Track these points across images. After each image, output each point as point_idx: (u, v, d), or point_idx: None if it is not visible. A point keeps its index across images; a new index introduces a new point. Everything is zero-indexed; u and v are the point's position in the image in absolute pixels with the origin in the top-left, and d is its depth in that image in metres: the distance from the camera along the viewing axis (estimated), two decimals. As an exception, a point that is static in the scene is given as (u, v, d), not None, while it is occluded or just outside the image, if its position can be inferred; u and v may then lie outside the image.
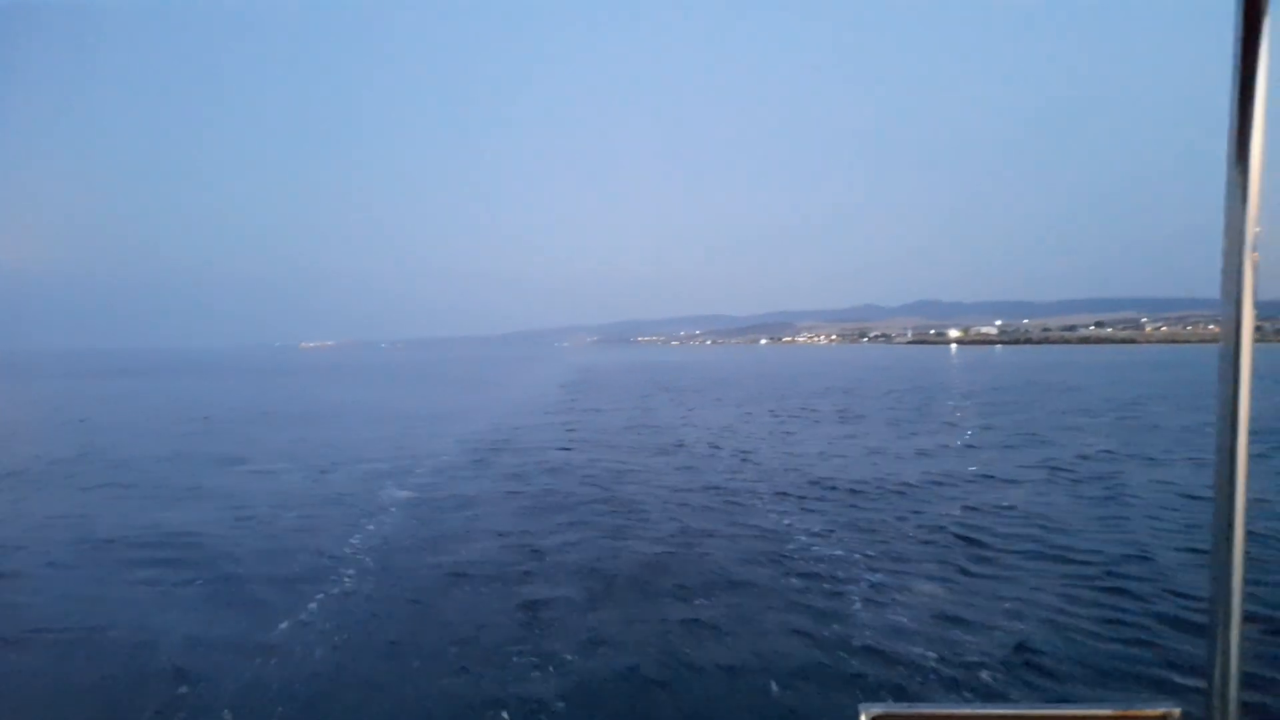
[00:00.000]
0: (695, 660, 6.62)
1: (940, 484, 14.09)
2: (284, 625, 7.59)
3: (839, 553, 9.67)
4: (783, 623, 7.40)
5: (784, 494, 13.43)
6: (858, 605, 7.79)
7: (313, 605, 8.10)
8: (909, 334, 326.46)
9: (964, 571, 8.82)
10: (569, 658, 6.72)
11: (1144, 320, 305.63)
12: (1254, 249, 1.08)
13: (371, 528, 11.50)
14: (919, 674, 6.11)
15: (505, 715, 5.73)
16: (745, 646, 6.85)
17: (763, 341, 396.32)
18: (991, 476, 14.80)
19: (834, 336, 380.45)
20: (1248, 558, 1.08)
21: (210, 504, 13.43)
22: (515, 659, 6.71)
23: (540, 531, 11.13)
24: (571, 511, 12.43)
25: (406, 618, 7.79)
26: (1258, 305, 1.08)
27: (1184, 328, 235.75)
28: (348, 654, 6.94)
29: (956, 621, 7.29)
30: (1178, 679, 5.85)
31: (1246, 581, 1.08)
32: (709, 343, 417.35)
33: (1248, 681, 1.09)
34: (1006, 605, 7.68)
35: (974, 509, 11.89)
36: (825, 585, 8.44)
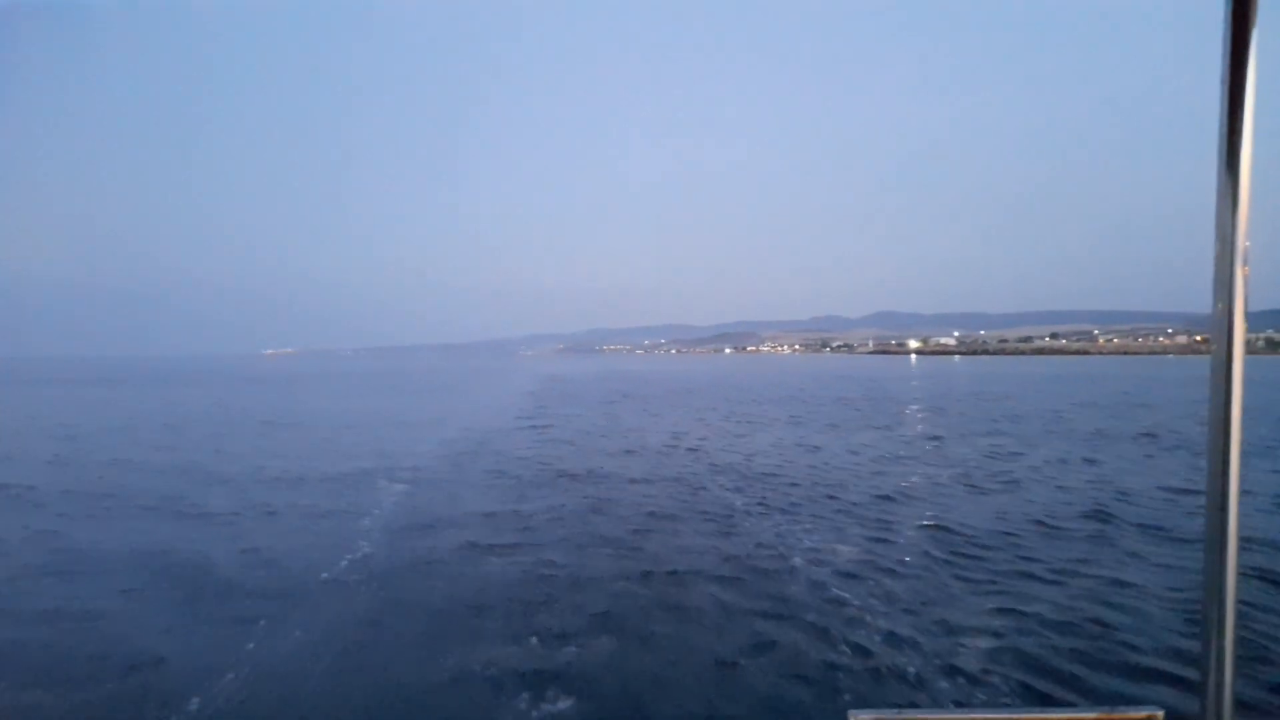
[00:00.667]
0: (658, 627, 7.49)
1: (863, 476, 16.04)
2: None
3: (772, 529, 11.46)
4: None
5: (738, 488, 14.87)
6: (795, 558, 9.76)
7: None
8: (870, 344, 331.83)
9: (875, 540, 10.71)
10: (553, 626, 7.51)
11: (1096, 332, 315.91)
12: (1245, 263, 1.10)
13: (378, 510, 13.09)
14: (816, 588, 8.45)
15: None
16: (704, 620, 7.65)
17: (727, 351, 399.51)
18: (906, 470, 16.92)
19: (797, 346, 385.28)
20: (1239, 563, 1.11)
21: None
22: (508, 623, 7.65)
23: (526, 509, 12.94)
24: (552, 493, 14.24)
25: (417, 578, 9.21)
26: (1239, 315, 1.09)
27: (1135, 339, 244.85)
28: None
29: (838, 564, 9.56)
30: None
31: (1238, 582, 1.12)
32: (674, 351, 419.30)
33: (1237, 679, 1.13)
34: (894, 555, 9.89)
35: (888, 497, 13.73)
36: (761, 549, 10.30)
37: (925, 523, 11.52)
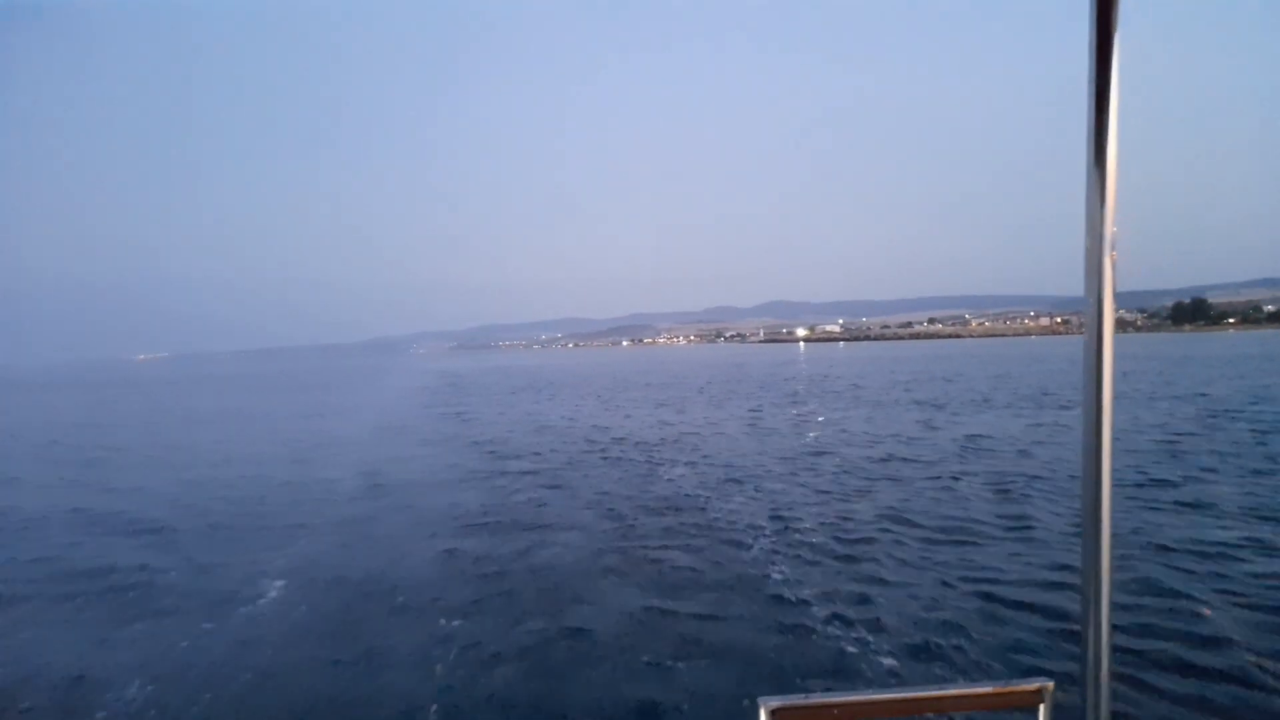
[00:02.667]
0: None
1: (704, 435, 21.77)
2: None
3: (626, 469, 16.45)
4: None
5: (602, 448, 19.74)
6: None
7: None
8: (761, 334, 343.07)
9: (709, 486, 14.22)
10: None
11: (967, 316, 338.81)
12: (1113, 248, 1.16)
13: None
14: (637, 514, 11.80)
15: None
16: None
17: (624, 344, 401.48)
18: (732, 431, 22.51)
19: (692, 337, 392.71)
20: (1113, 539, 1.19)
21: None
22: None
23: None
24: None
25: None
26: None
27: (1004, 322, 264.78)
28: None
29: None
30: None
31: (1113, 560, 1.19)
32: (570, 346, 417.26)
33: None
34: (741, 498, 12.86)
35: (739, 454, 17.89)
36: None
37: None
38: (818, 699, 1.33)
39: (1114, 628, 1.22)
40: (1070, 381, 34.91)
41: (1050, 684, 1.39)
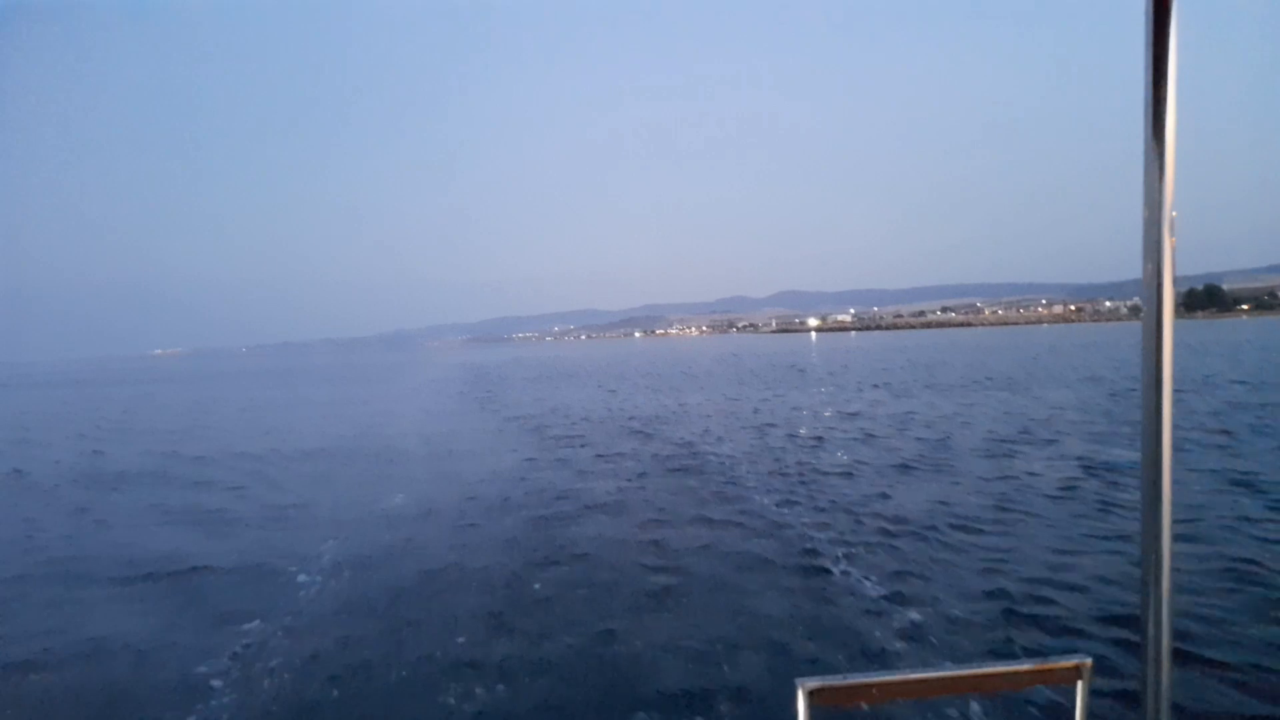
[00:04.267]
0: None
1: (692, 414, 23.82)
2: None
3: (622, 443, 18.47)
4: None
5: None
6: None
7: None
8: (773, 324, 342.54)
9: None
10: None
11: (979, 304, 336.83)
12: (1172, 233, 1.12)
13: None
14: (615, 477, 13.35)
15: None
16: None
17: (636, 335, 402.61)
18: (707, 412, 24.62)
19: (704, 328, 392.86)
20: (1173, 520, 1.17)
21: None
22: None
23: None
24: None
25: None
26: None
27: (1017, 310, 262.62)
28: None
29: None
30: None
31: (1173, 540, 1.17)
32: (583, 338, 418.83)
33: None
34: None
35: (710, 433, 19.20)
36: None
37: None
38: (856, 679, 1.34)
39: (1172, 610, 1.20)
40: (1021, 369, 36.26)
41: (1089, 661, 1.39)
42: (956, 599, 6.78)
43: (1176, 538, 1.15)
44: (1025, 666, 1.39)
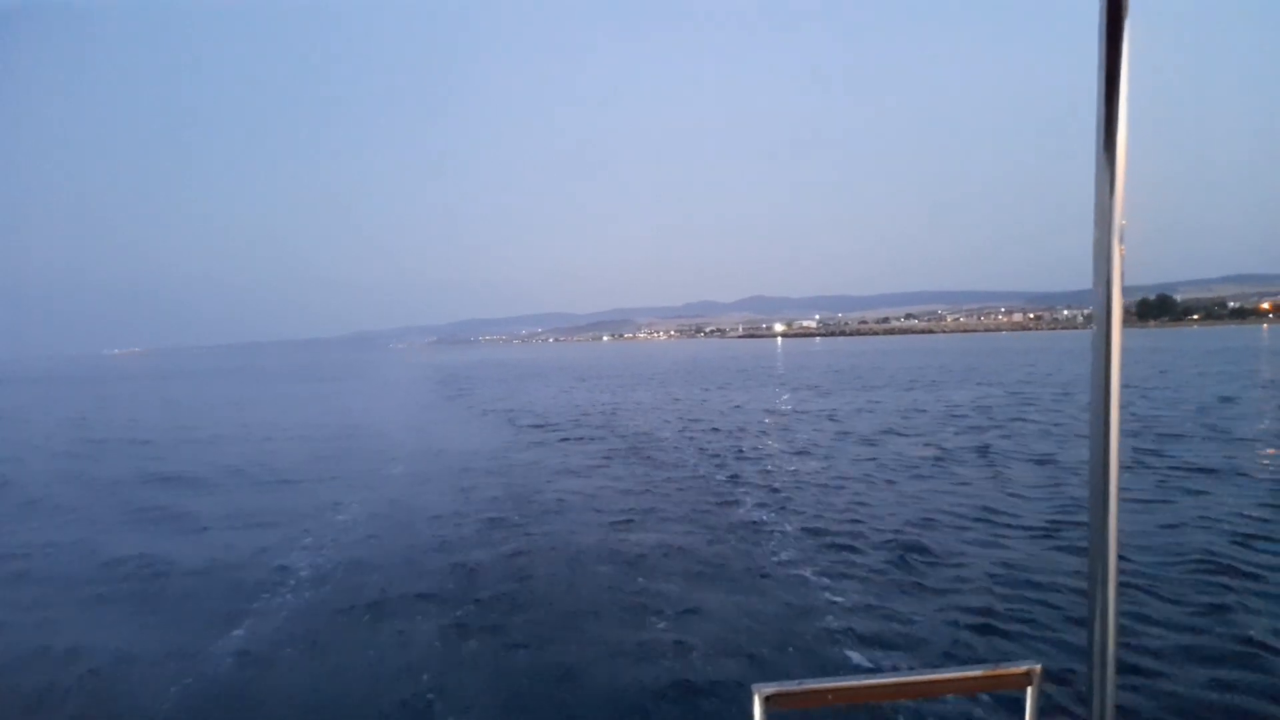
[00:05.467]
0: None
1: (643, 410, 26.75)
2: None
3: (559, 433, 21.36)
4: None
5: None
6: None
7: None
8: (740, 329, 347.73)
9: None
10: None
11: (941, 311, 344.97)
12: (1122, 241, 1.16)
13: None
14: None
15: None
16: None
17: (605, 339, 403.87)
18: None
19: (673, 332, 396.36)
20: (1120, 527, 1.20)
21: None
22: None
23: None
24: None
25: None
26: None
27: (978, 318, 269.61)
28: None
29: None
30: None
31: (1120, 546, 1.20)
32: (551, 341, 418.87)
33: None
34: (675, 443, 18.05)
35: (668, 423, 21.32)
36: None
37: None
38: (811, 684, 1.35)
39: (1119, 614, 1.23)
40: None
41: (1039, 667, 1.42)
42: (797, 519, 9.94)
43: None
44: (977, 672, 1.42)
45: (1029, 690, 1.43)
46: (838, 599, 7.08)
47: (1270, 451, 13.91)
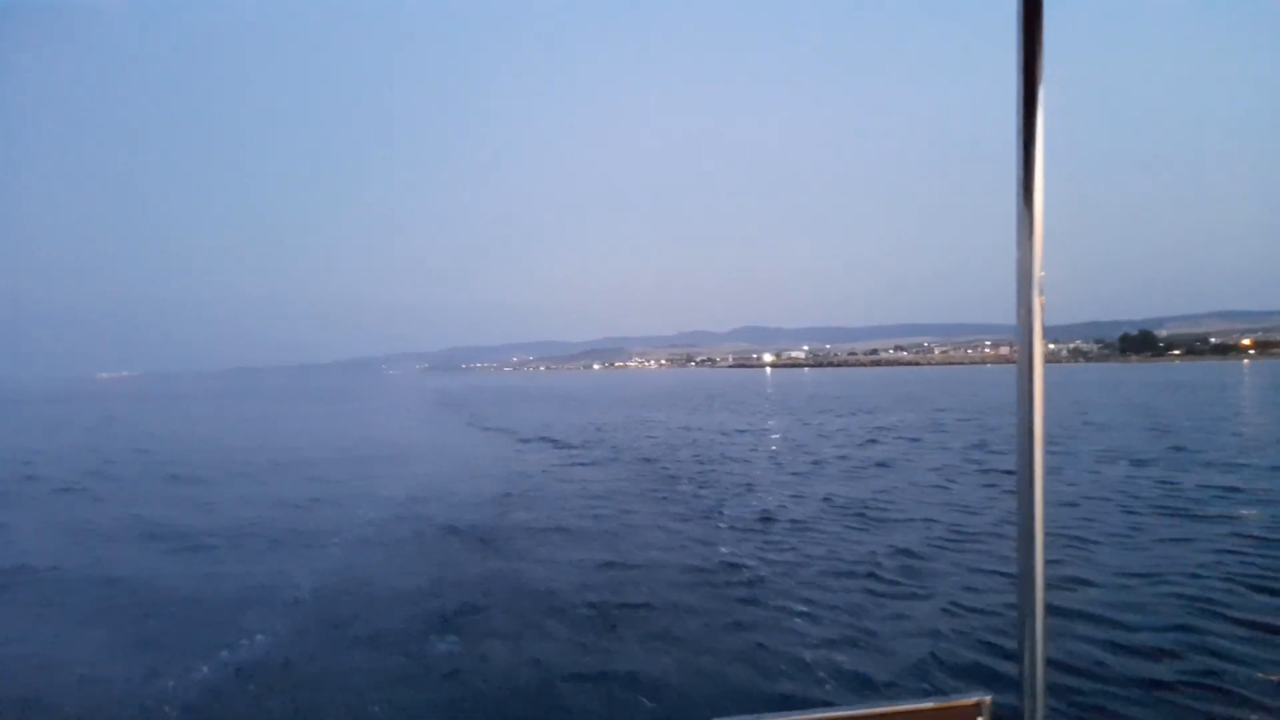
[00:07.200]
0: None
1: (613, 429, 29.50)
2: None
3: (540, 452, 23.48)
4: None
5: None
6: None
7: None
8: (730, 359, 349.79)
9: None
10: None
11: (927, 343, 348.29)
12: (1040, 292, 1.23)
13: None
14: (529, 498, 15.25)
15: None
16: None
17: (596, 367, 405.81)
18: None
19: (664, 361, 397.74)
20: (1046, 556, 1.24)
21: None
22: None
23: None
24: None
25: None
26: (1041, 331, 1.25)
27: (965, 351, 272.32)
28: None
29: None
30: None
31: (1046, 577, 1.25)
32: (543, 368, 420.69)
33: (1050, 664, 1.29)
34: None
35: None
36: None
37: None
38: (768, 718, 1.35)
39: (1050, 641, 1.26)
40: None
41: (988, 698, 1.43)
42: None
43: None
44: (928, 705, 1.43)
45: None
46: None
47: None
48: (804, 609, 7.42)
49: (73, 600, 8.57)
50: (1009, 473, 15.69)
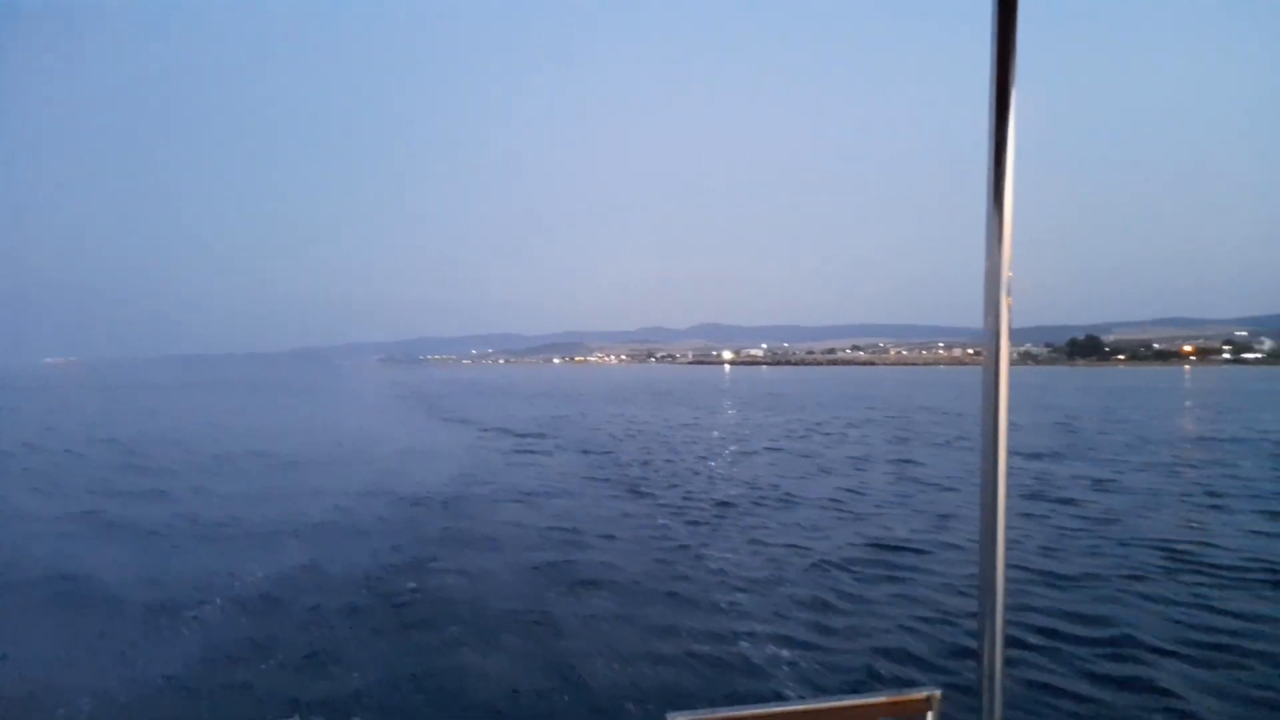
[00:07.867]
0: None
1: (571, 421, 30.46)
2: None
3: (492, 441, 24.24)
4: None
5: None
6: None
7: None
8: (690, 355, 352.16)
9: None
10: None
11: (882, 344, 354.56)
12: (1009, 292, 1.25)
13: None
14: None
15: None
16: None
17: (556, 361, 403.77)
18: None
19: (624, 357, 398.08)
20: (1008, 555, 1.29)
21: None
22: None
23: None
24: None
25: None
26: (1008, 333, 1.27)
27: (919, 352, 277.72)
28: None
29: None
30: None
31: (1007, 577, 1.30)
32: (502, 362, 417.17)
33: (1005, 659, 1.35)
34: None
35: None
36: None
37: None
38: (723, 712, 1.36)
39: (1007, 638, 1.31)
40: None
41: (938, 693, 1.47)
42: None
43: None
44: (880, 699, 1.45)
45: (929, 715, 1.47)
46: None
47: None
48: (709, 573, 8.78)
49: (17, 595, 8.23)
50: (907, 461, 18.10)
